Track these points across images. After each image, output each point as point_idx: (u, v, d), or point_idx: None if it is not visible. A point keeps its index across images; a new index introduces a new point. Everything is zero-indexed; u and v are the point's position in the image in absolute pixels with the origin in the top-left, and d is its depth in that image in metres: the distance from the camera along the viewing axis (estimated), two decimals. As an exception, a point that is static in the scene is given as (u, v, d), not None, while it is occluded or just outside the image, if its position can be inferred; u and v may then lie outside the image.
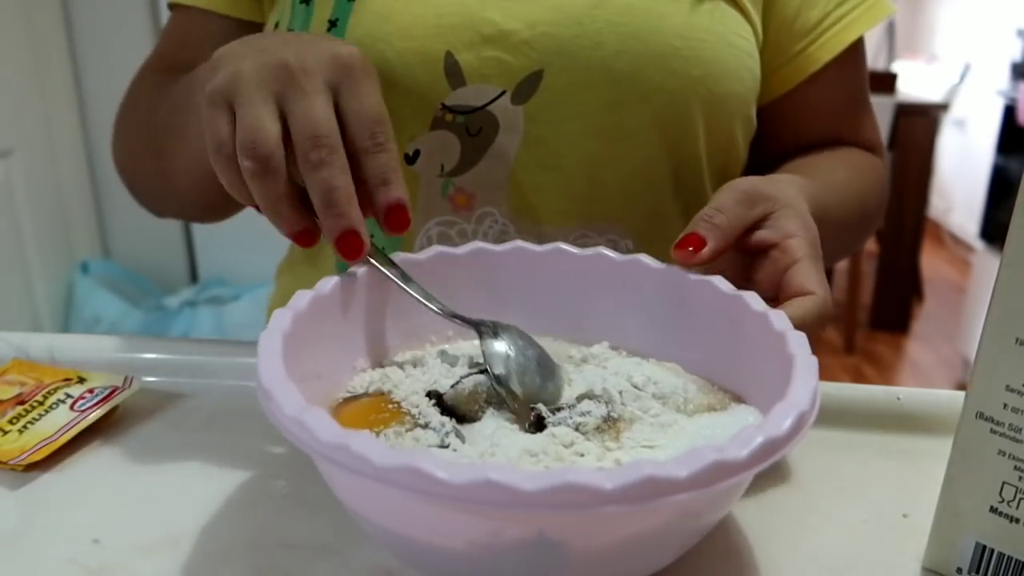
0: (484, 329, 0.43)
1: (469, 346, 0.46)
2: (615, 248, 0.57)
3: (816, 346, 0.37)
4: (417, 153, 0.55)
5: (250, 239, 1.87)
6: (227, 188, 0.42)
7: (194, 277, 2.13)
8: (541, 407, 0.39)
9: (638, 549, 0.32)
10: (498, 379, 0.40)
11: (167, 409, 0.50)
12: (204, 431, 0.48)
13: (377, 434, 0.38)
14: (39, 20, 1.84)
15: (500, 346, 0.42)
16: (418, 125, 0.54)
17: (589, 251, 0.47)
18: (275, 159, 0.39)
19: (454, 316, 0.43)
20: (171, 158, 0.55)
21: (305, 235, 0.42)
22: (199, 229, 2.06)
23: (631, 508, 0.28)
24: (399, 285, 0.43)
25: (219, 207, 0.62)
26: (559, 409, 0.40)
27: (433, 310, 0.43)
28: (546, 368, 0.42)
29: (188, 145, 0.52)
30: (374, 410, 0.41)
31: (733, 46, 0.56)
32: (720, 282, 0.43)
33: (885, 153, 0.66)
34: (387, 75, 0.54)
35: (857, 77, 0.64)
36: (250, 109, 0.40)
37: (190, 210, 0.65)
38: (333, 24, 0.54)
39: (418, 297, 0.43)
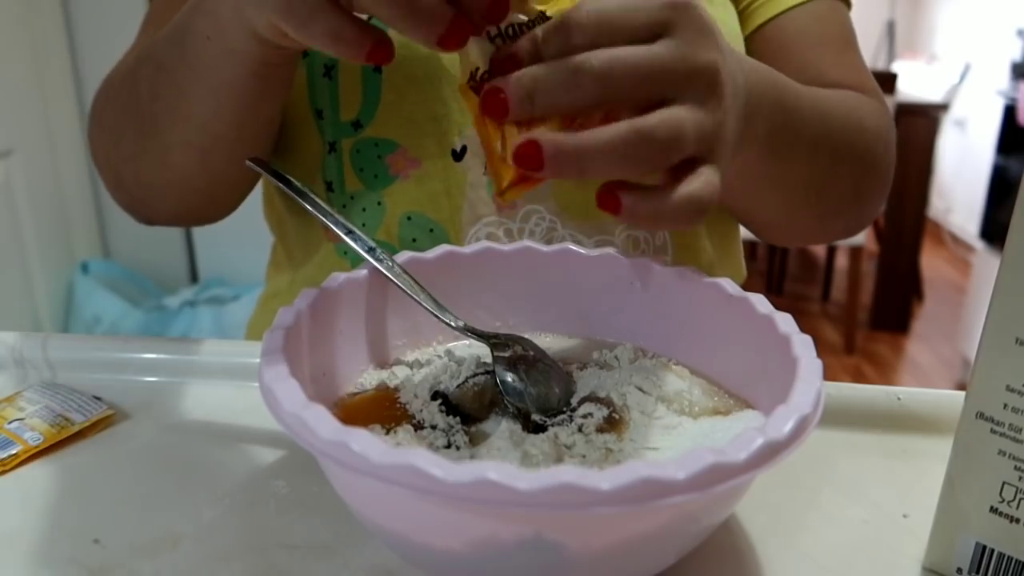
0: (495, 343, 0.43)
1: (476, 346, 0.46)
2: (652, 239, 0.59)
3: (816, 346, 0.37)
4: (464, 149, 0.54)
5: (250, 239, 1.87)
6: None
7: (194, 277, 2.14)
8: (536, 417, 0.39)
9: (637, 550, 0.32)
10: (509, 394, 0.40)
11: (167, 409, 0.50)
12: (204, 431, 0.48)
13: (387, 431, 0.38)
14: (39, 20, 1.84)
15: (510, 362, 0.42)
16: (466, 119, 0.54)
17: (597, 252, 0.47)
18: None
19: (467, 330, 0.43)
20: (163, 131, 0.51)
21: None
22: (199, 229, 2.06)
23: (628, 509, 0.28)
24: (410, 296, 0.43)
25: (217, 193, 0.58)
26: (560, 413, 0.40)
27: (446, 323, 0.43)
28: (557, 380, 0.42)
29: (183, 105, 0.49)
30: (381, 406, 0.41)
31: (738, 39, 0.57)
32: (727, 284, 0.43)
33: (883, 97, 0.61)
34: (436, 68, 0.54)
35: (837, 19, 0.62)
36: None
37: (185, 200, 0.58)
38: None
39: (430, 309, 0.43)
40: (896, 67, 3.73)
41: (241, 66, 0.45)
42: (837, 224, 0.59)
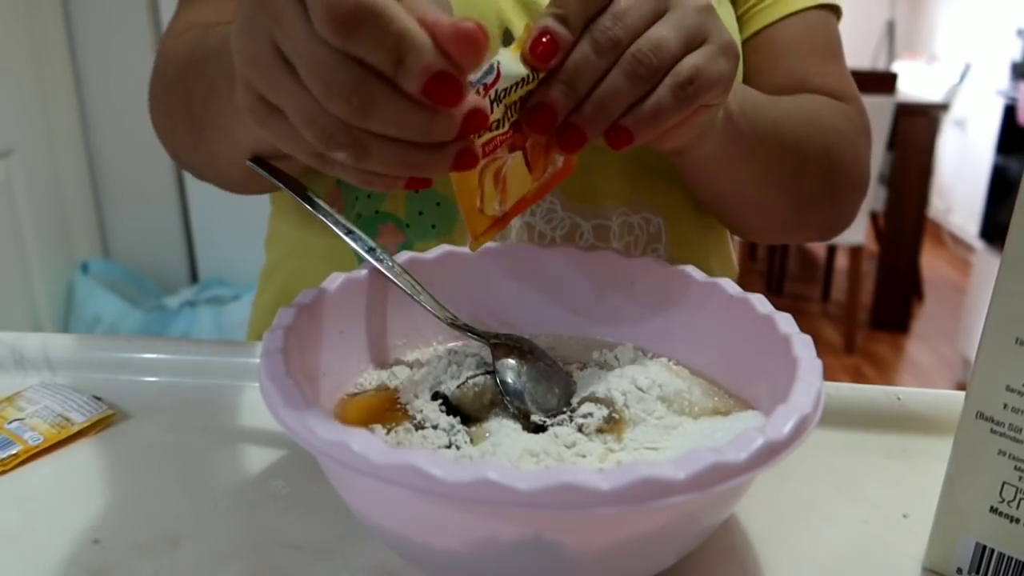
0: (495, 343, 0.43)
1: (476, 346, 0.46)
2: (647, 227, 0.59)
3: (816, 346, 0.37)
4: None
5: (250, 239, 1.86)
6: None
7: (194, 277, 2.13)
8: (536, 417, 0.39)
9: (637, 550, 0.32)
10: (509, 394, 0.40)
11: (167, 409, 0.50)
12: (204, 431, 0.48)
13: (388, 431, 0.38)
14: (39, 20, 1.84)
15: (510, 362, 0.42)
16: None
17: (598, 251, 0.47)
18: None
19: (466, 328, 0.43)
20: (210, 141, 0.51)
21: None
22: (199, 229, 2.06)
23: (628, 509, 0.28)
24: (410, 296, 0.43)
25: (260, 188, 0.57)
26: (560, 413, 0.40)
27: (446, 323, 0.43)
28: (557, 380, 0.42)
29: (228, 131, 0.48)
30: (381, 406, 0.41)
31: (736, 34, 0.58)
32: (727, 284, 0.43)
33: (862, 105, 0.63)
34: None
35: (826, 29, 0.64)
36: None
37: (229, 185, 0.59)
38: None
39: (430, 309, 0.43)
40: (896, 67, 3.73)
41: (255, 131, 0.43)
42: (813, 217, 0.60)
